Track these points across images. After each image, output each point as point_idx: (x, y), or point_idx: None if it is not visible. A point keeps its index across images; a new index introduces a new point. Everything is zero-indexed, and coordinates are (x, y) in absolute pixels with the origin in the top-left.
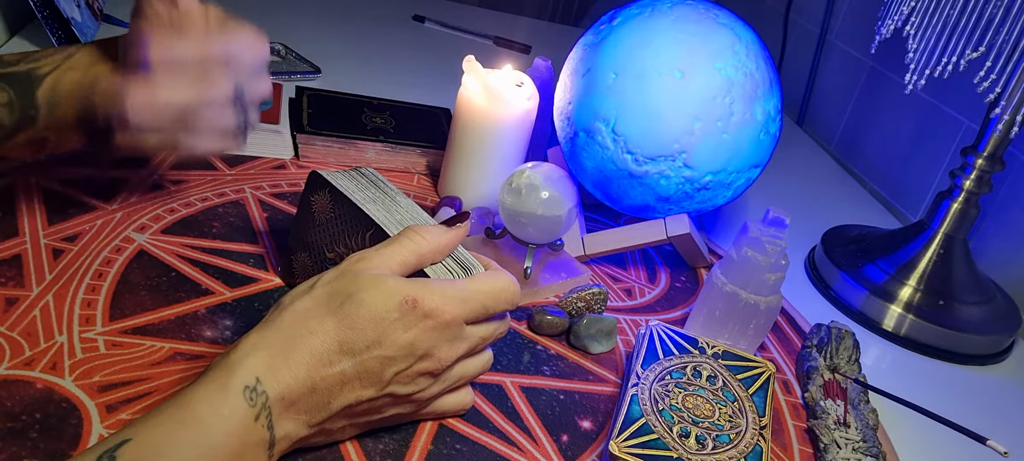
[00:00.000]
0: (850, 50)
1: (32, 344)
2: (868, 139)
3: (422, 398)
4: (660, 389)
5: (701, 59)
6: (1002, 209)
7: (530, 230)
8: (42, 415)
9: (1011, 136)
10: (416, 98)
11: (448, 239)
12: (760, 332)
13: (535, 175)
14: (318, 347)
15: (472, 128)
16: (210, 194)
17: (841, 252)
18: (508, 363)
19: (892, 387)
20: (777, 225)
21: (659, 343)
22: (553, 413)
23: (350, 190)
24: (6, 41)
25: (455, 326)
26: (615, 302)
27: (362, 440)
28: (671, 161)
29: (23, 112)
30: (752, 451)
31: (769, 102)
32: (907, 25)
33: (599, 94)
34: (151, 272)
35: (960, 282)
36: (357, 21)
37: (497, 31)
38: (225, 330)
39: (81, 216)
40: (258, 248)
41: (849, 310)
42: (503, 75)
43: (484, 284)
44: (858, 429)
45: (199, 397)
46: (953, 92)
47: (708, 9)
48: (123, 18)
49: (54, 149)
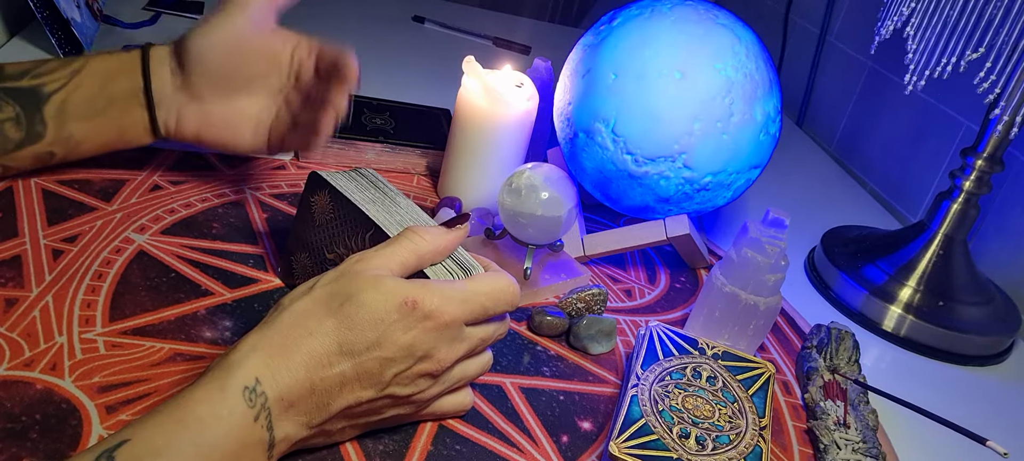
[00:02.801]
0: (850, 51)
1: (32, 345)
2: (868, 140)
3: (422, 399)
4: (660, 390)
5: (701, 60)
6: (1002, 210)
7: (530, 231)
8: (42, 416)
9: (1011, 137)
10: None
11: (448, 240)
12: (760, 333)
13: (535, 176)
14: (318, 348)
15: (472, 129)
16: (210, 195)
17: (841, 253)
18: (508, 364)
19: (892, 388)
20: (777, 226)
21: (659, 344)
22: (553, 414)
23: (350, 191)
24: (6, 42)
25: (455, 327)
26: (615, 303)
27: (362, 441)
28: (671, 162)
29: (30, 128)
30: (752, 452)
31: (769, 103)
32: (907, 26)
33: (599, 95)
34: (151, 273)
35: (960, 283)
36: (357, 21)
37: (497, 32)
38: (225, 331)
39: (81, 216)
40: (258, 249)
41: (849, 311)
42: (503, 76)
43: (484, 285)
44: (858, 430)
45: (198, 398)
46: (953, 92)
47: (708, 10)
48: (123, 18)
49: (59, 162)
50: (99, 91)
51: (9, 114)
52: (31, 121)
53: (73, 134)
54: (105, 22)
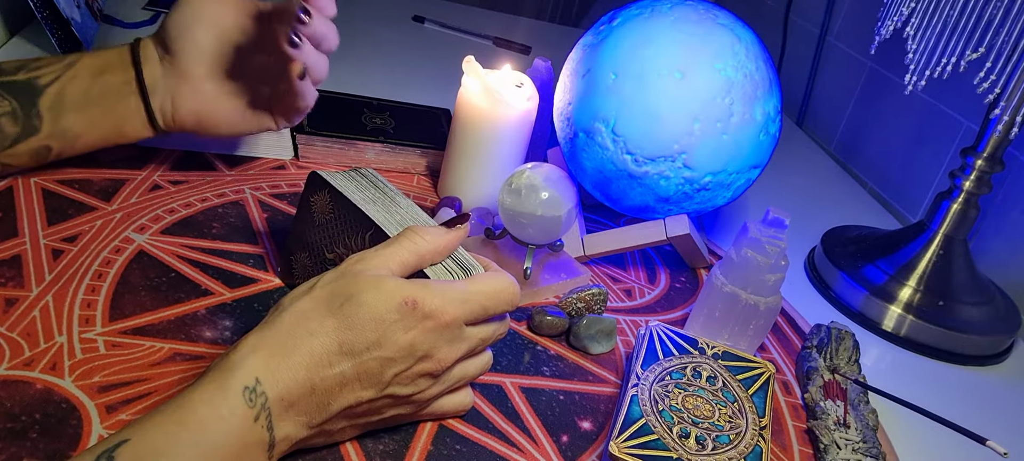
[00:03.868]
0: (850, 51)
1: (32, 344)
2: (868, 140)
3: (422, 399)
4: (660, 390)
5: (701, 60)
6: (1002, 210)
7: (530, 231)
8: (42, 415)
9: (1011, 137)
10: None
11: (448, 240)
12: (760, 333)
13: (535, 176)
14: (318, 348)
15: (472, 129)
16: (210, 195)
17: (841, 253)
18: (508, 364)
19: (892, 388)
20: (777, 226)
21: (659, 344)
22: (553, 414)
23: (350, 190)
24: (6, 41)
25: (455, 327)
26: (615, 303)
27: (362, 441)
28: (671, 162)
29: (26, 121)
30: (752, 452)
31: (769, 103)
32: (907, 26)
33: (599, 95)
34: (151, 273)
35: (960, 283)
36: (357, 21)
37: (497, 31)
38: (225, 331)
39: (81, 216)
40: (258, 249)
41: (849, 311)
42: (503, 76)
43: (484, 285)
44: (858, 430)
45: (198, 398)
46: (953, 92)
47: (708, 10)
48: (122, 18)
49: (56, 157)
50: (93, 82)
51: (5, 108)
52: (27, 115)
53: (70, 127)
54: (105, 22)
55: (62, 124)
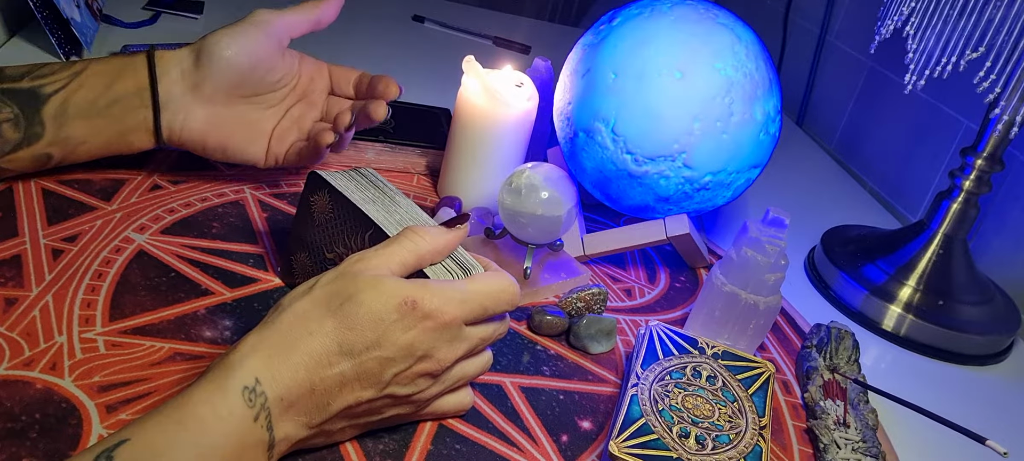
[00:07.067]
0: (850, 50)
1: (32, 344)
2: (868, 139)
3: (422, 399)
4: (660, 389)
5: (701, 59)
6: (1001, 209)
7: (530, 230)
8: (42, 415)
9: (1011, 136)
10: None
11: (447, 240)
12: (760, 332)
13: (535, 175)
14: (317, 348)
15: (472, 128)
16: (210, 194)
17: (841, 252)
18: (508, 363)
19: (892, 387)
20: (777, 225)
21: (659, 343)
22: (553, 413)
23: (349, 190)
24: (6, 41)
25: (454, 327)
26: (615, 302)
27: (362, 440)
28: (671, 161)
29: (28, 129)
30: (752, 451)
31: (769, 102)
32: (907, 25)
33: (599, 94)
34: (151, 272)
35: (960, 282)
36: (357, 21)
37: (497, 31)
38: (225, 330)
39: (81, 216)
40: (258, 248)
41: (849, 310)
42: (503, 75)
43: (483, 285)
44: (858, 429)
45: (198, 398)
46: (953, 92)
47: (708, 9)
48: (123, 18)
49: (57, 164)
50: (104, 91)
51: (7, 115)
52: (29, 122)
53: (72, 135)
54: (105, 22)
55: (65, 132)
